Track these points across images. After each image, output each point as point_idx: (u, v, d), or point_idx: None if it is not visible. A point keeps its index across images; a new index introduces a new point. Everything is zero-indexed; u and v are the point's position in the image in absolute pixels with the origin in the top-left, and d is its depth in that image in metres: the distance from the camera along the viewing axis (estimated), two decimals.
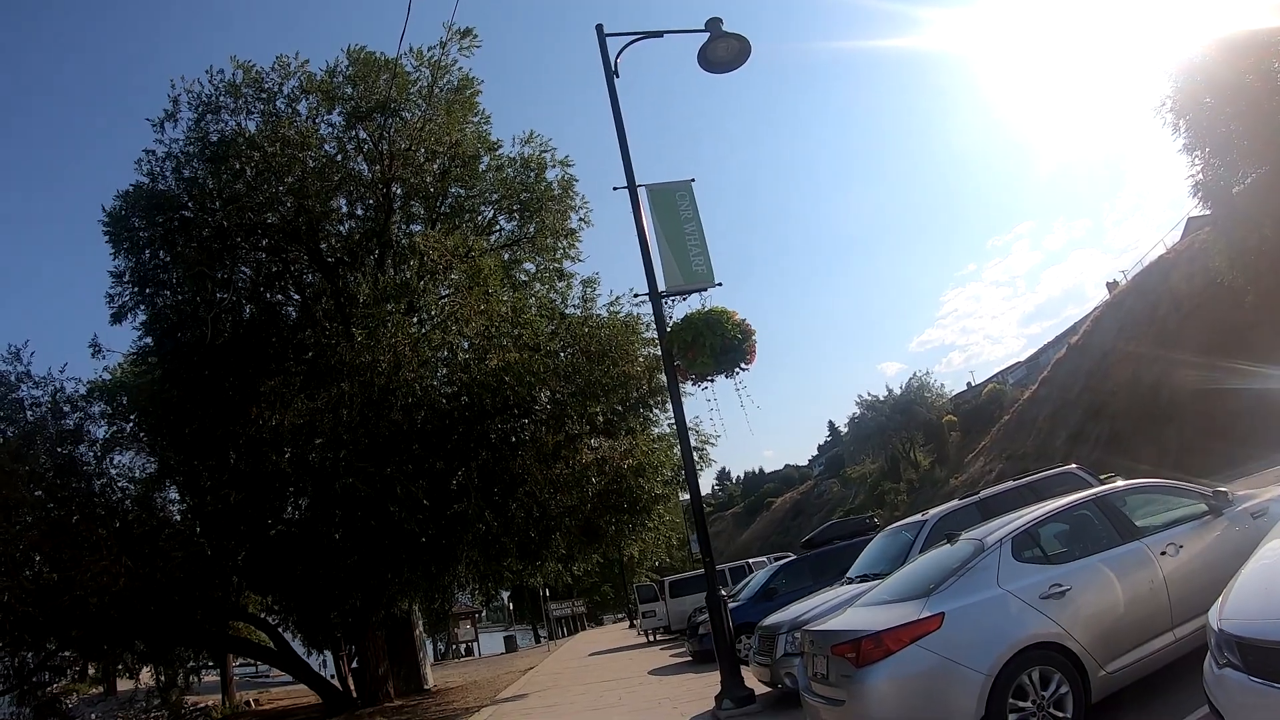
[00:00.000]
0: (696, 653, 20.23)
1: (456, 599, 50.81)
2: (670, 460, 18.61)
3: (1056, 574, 7.14)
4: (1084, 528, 7.94)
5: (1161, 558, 7.49)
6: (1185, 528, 7.88)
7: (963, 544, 7.82)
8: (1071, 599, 6.96)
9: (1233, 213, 29.56)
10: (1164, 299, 42.44)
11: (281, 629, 22.19)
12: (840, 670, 7.05)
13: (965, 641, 6.63)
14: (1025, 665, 6.61)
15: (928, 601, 6.96)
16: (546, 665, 29.65)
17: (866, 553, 13.06)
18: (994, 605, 6.86)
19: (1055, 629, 6.78)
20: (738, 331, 12.30)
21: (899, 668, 6.62)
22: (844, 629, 7.40)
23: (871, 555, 12.75)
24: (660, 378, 17.81)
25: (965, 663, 6.52)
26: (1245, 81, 25.93)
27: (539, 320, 18.54)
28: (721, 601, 11.76)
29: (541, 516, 17.13)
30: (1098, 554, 7.45)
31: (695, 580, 32.02)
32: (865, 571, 12.07)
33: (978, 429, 65.14)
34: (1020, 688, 6.58)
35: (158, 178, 19.91)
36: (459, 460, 16.82)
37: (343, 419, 15.50)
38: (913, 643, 6.64)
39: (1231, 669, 4.61)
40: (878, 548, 12.91)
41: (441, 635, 59.30)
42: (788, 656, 11.21)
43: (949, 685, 6.53)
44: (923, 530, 11.55)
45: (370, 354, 15.80)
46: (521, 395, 16.36)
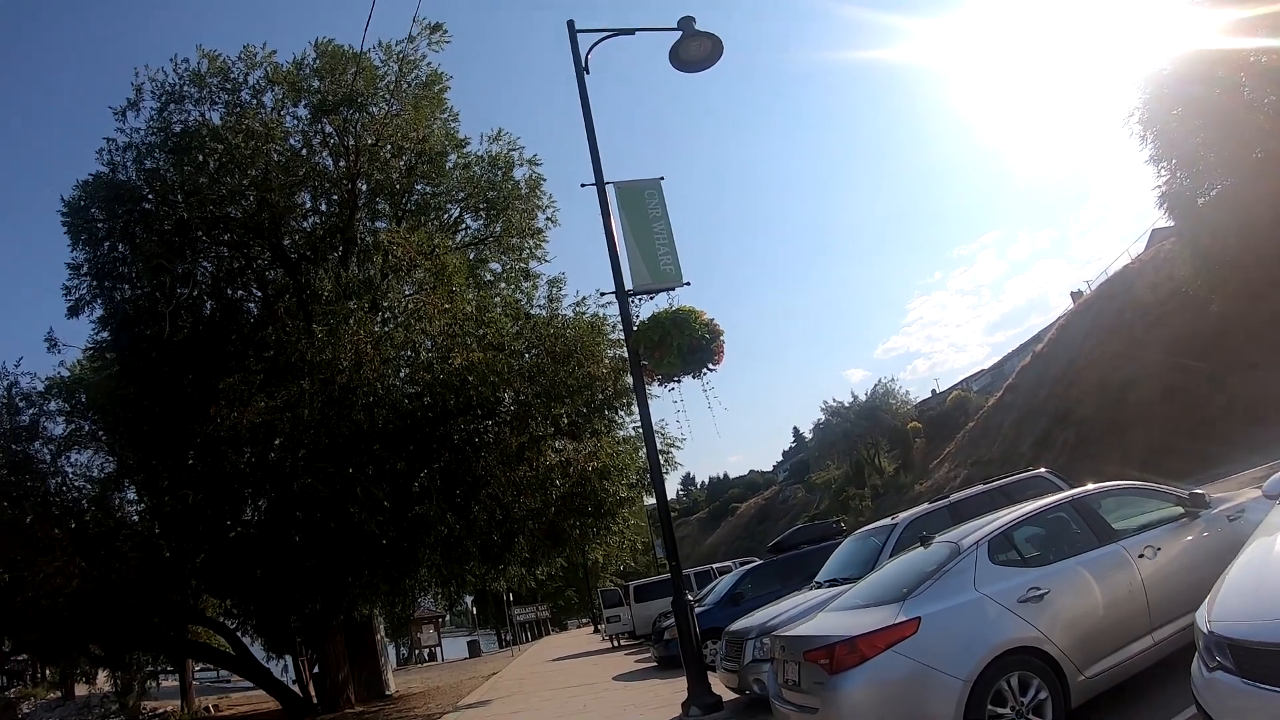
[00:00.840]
0: (662, 658, 19.94)
1: (419, 603, 50.43)
2: (635, 463, 18.30)
3: (1034, 577, 6.92)
4: (1061, 530, 7.75)
5: (1140, 560, 7.30)
6: (1162, 530, 7.70)
7: (938, 547, 7.60)
8: (1050, 602, 6.74)
9: (1199, 223, 29.96)
10: (1129, 307, 42.91)
11: (240, 633, 21.74)
12: (813, 677, 6.79)
13: (942, 647, 6.38)
14: (1004, 671, 6.39)
15: (903, 606, 6.72)
16: (510, 670, 29.21)
17: (835, 557, 12.84)
18: (971, 609, 6.63)
19: (1034, 633, 6.56)
20: (705, 331, 12.02)
21: (874, 674, 6.36)
22: (817, 634, 7.13)
23: (840, 560, 12.53)
24: (626, 379, 17.51)
25: (942, 669, 6.28)
26: (1213, 95, 26.48)
27: (504, 320, 18.18)
28: (688, 606, 11.49)
29: (504, 519, 16.76)
30: (1076, 556, 7.25)
31: (660, 585, 31.70)
32: (835, 576, 11.83)
33: (943, 435, 65.42)
34: (999, 694, 6.35)
35: (118, 168, 19.39)
36: (421, 461, 16.45)
37: (302, 418, 15.07)
38: (888, 648, 6.39)
39: (1223, 672, 4.44)
40: (846, 552, 12.69)
41: (404, 640, 58.57)
42: (756, 662, 10.95)
43: (926, 692, 6.29)
44: (893, 534, 11.34)
45: (331, 351, 15.40)
46: (485, 395, 16.00)
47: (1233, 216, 27.61)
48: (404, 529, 15.86)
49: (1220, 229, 28.37)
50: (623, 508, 18.44)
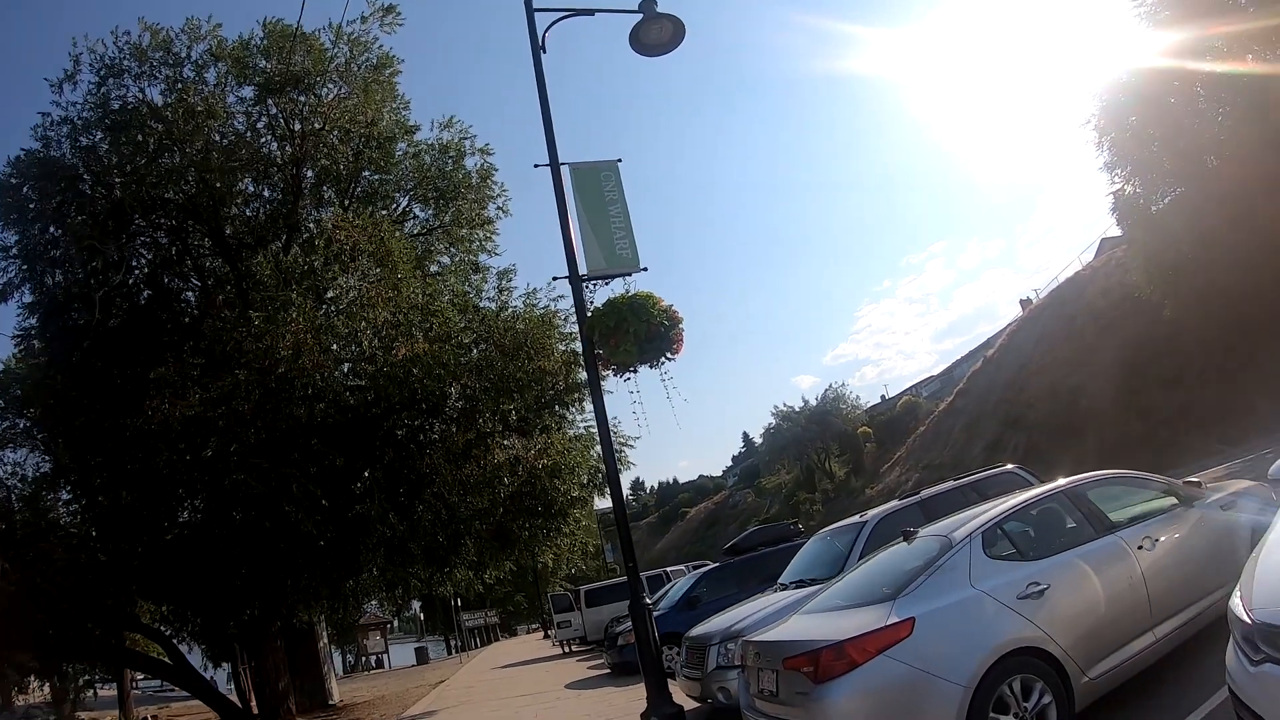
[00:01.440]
0: (616, 665, 19.16)
1: (365, 609, 49.12)
2: (587, 462, 17.47)
3: (1033, 571, 6.28)
4: (1056, 521, 7.17)
5: (1139, 552, 6.74)
6: (1158, 520, 7.18)
7: (925, 541, 6.93)
8: (1050, 598, 6.11)
9: (1152, 229, 30.04)
10: (1081, 313, 43.17)
11: (178, 640, 20.54)
12: (794, 686, 6.06)
13: (940, 649, 5.71)
14: (1006, 674, 5.73)
15: (894, 605, 6.01)
16: (458, 678, 28.09)
17: (800, 557, 12.22)
18: (969, 607, 5.96)
19: (1036, 631, 5.92)
20: (664, 318, 11.27)
21: (865, 682, 5.64)
22: (798, 639, 6.41)
23: (805, 560, 11.91)
24: (578, 374, 16.71)
25: (941, 674, 5.59)
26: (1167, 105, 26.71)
27: (451, 312, 17.30)
28: (646, 610, 10.69)
29: (450, 519, 15.81)
30: (1074, 549, 6.66)
31: (612, 589, 31.02)
32: (800, 577, 11.19)
33: (893, 440, 65.34)
34: (1000, 700, 5.68)
35: (52, 144, 18.11)
36: (362, 458, 15.46)
37: (237, 411, 14.08)
38: (880, 653, 5.68)
39: (1273, 664, 3.89)
40: (811, 552, 12.09)
41: (350, 647, 56.98)
42: (721, 670, 10.29)
43: (923, 701, 5.60)
44: (863, 532, 10.69)
45: (269, 340, 14.39)
46: (430, 389, 15.11)
47: (1185, 223, 27.69)
48: (344, 529, 14.86)
49: (1173, 236, 28.46)
50: (574, 508, 17.57)
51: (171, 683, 21.84)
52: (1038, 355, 45.87)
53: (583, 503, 17.85)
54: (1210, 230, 26.41)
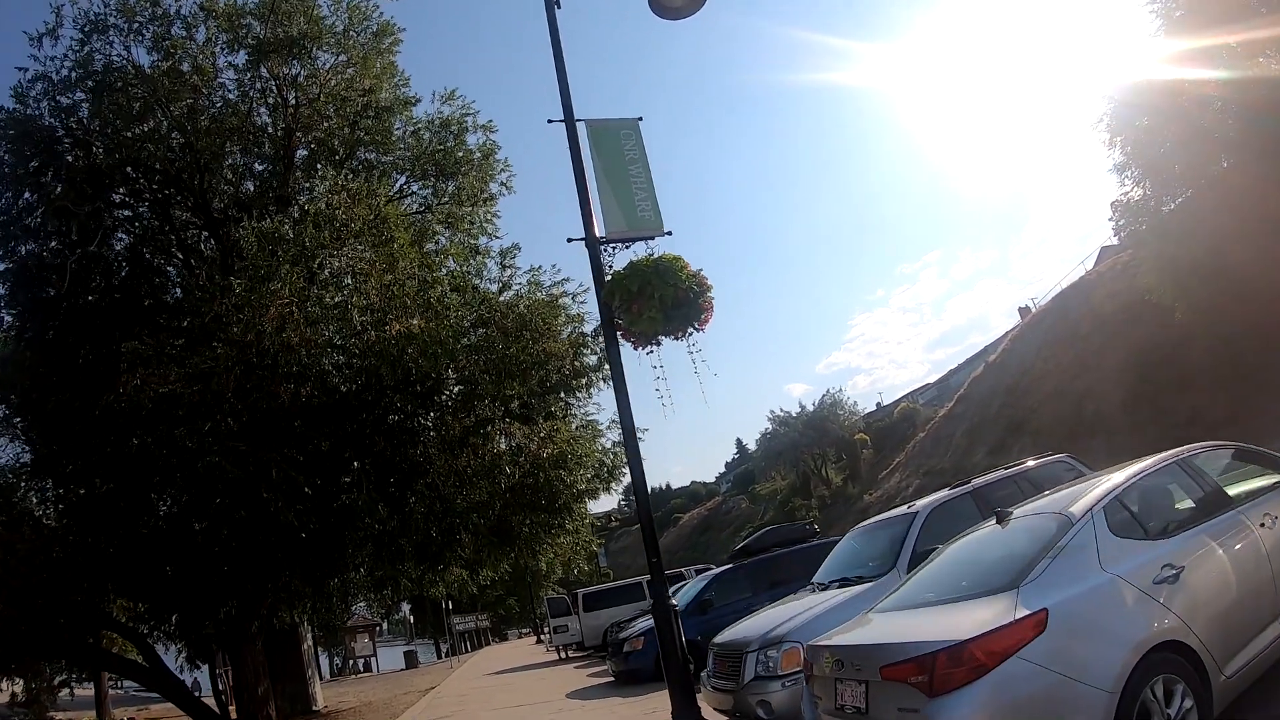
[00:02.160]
0: (621, 673, 17.87)
1: (354, 611, 47.66)
2: (594, 453, 16.20)
3: (1164, 552, 5.20)
4: (1174, 496, 6.09)
5: (1261, 530, 5.73)
6: (1273, 497, 6.13)
7: (1032, 521, 5.78)
8: (1185, 583, 5.06)
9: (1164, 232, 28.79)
10: (1086, 318, 42.35)
11: (152, 640, 19.17)
12: (896, 701, 4.83)
13: (1079, 648, 4.56)
14: (1149, 674, 4.63)
15: (1019, 595, 4.81)
16: (450, 684, 26.60)
17: (837, 554, 11.18)
18: (1105, 595, 4.81)
19: (1176, 623, 4.85)
20: (693, 283, 10.10)
21: (996, 693, 4.44)
22: (898, 641, 5.14)
23: (844, 557, 10.90)
24: (587, 357, 15.54)
25: (1082, 678, 4.44)
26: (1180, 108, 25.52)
27: (448, 290, 16.03)
28: (672, 613, 9.48)
29: (445, 513, 14.49)
30: (1200, 526, 5.60)
31: (611, 593, 29.83)
32: (841, 575, 10.10)
33: (891, 447, 64.35)
34: (1144, 707, 4.54)
35: (29, 102, 16.84)
36: (350, 444, 14.16)
37: (214, 389, 12.82)
38: (1011, 654, 4.46)
39: None
40: (849, 549, 11.10)
41: (338, 649, 55.32)
42: (761, 680, 9.02)
43: (1064, 713, 4.39)
44: (915, 523, 9.64)
45: (251, 311, 13.16)
46: (425, 370, 13.85)
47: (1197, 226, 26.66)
48: (329, 521, 13.55)
49: (1185, 238, 27.29)
50: (580, 502, 16.27)
51: (145, 686, 20.46)
52: (1041, 360, 45.07)
53: (590, 496, 16.55)
54: (1223, 233, 25.47)
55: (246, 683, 17.81)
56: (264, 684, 18.10)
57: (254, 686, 17.72)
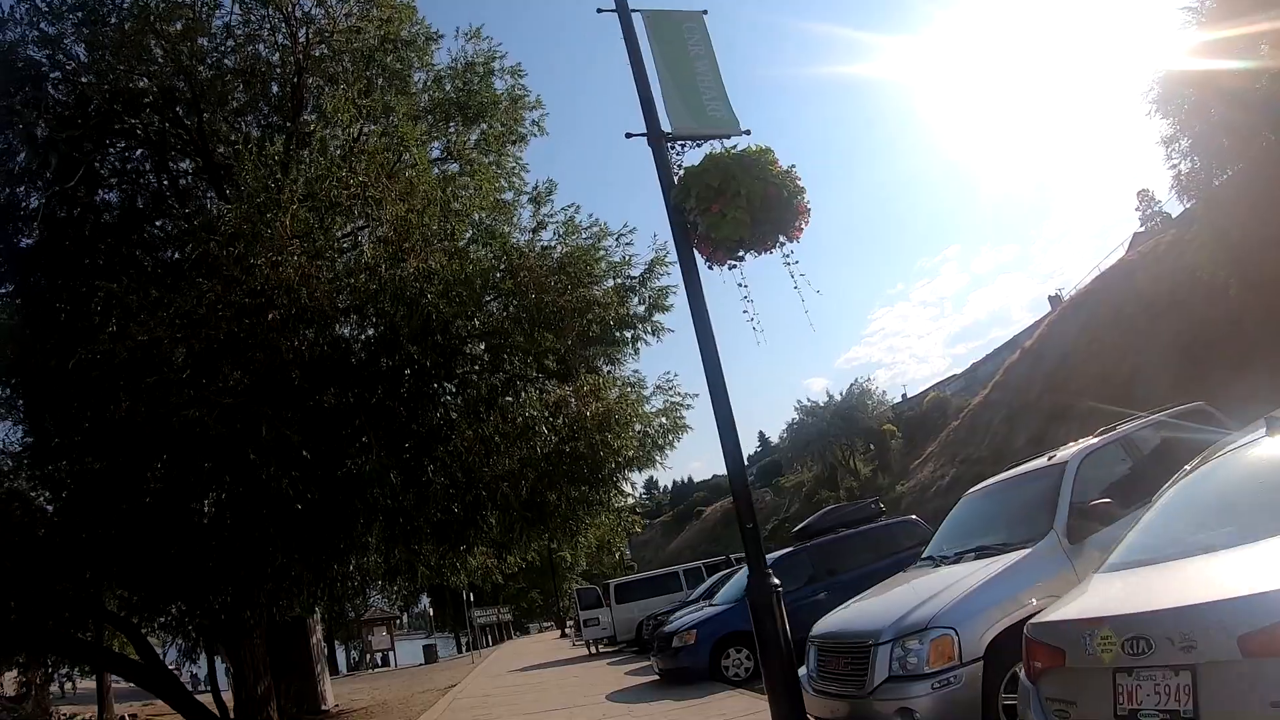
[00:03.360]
0: (669, 671, 15.33)
1: (369, 604, 45.19)
2: (644, 416, 13.67)
3: None
4: None
5: None
6: None
7: None
8: None
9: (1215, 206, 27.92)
10: (1130, 300, 40.37)
11: (146, 632, 16.75)
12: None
13: None
14: None
15: None
16: (472, 682, 23.87)
17: (954, 524, 9.16)
18: None
19: None
20: (785, 181, 7.88)
21: None
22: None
23: (966, 525, 8.91)
24: (634, 305, 13.09)
25: None
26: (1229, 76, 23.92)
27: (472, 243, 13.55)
28: (775, 596, 7.03)
29: (468, 484, 11.98)
30: None
31: (644, 584, 27.51)
32: (976, 544, 7.98)
33: (922, 437, 62.08)
34: None
35: (10, 30, 14.33)
36: (358, 405, 11.68)
37: (200, 335, 10.38)
38: None
39: None
40: (970, 515, 9.08)
41: (355, 643, 52.75)
42: (899, 681, 6.65)
43: None
44: (1067, 475, 7.65)
45: (243, 243, 10.73)
46: (447, 316, 11.40)
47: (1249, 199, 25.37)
48: (331, 493, 11.02)
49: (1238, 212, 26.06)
50: (627, 471, 13.66)
51: (137, 683, 18.03)
52: (1082, 345, 43.11)
53: (639, 466, 13.86)
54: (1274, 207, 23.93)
55: (245, 680, 15.38)
56: (265, 682, 15.64)
57: (253, 684, 15.28)
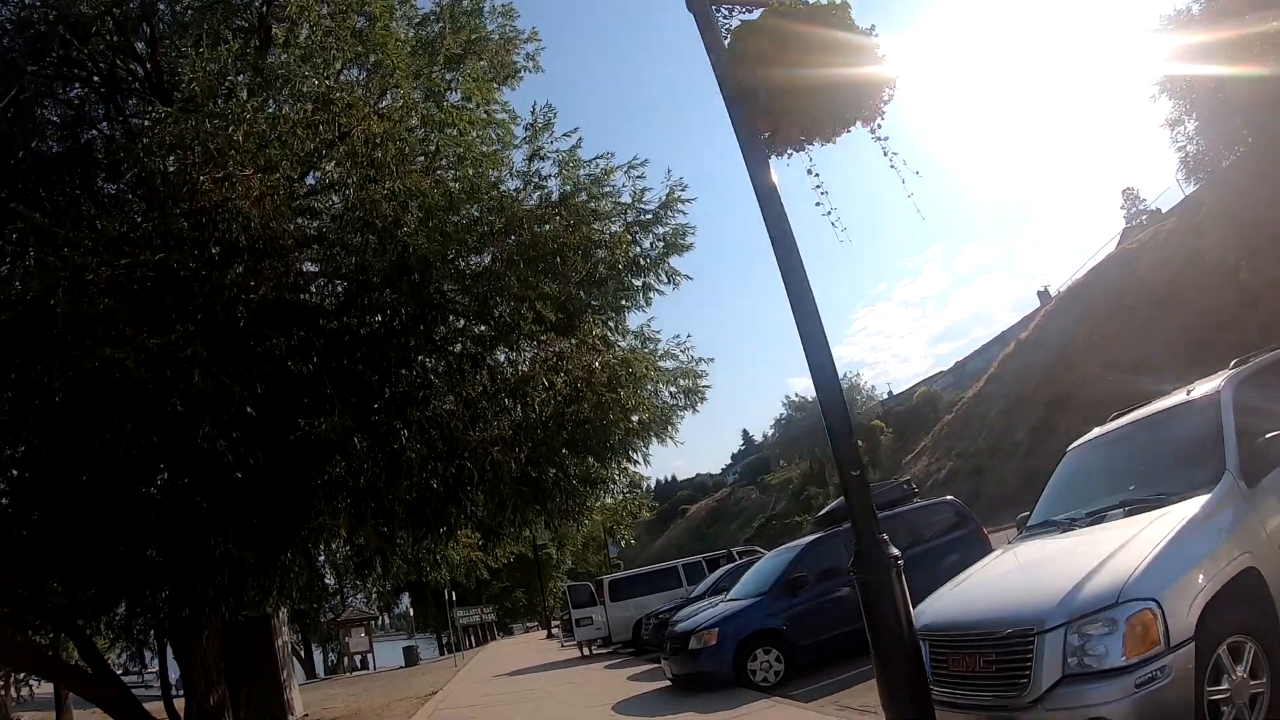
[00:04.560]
0: (684, 676, 13.11)
1: (346, 601, 42.53)
2: (663, 376, 11.52)
3: None
4: None
5: None
6: None
7: None
8: None
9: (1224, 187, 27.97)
10: (1131, 288, 39.76)
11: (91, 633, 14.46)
12: None
13: None
14: None
15: None
16: (456, 689, 21.40)
17: (1070, 483, 7.38)
18: None
19: None
20: (866, 45, 5.92)
21: None
22: None
23: (1095, 478, 7.16)
24: (647, 244, 10.99)
25: None
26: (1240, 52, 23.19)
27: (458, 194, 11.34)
28: (896, 571, 5.08)
29: (450, 453, 9.80)
30: None
31: (641, 580, 25.34)
32: (1118, 500, 6.12)
33: (911, 432, 60.87)
34: None
35: None
36: (318, 357, 9.54)
37: (128, 267, 8.25)
38: None
39: None
40: (1096, 466, 7.35)
41: (332, 645, 49.97)
42: (1080, 680, 4.76)
43: None
44: (1223, 405, 6.04)
45: (184, 154, 8.61)
46: (428, 253, 9.30)
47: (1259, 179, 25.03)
48: (282, 460, 8.83)
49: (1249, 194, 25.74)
50: (642, 439, 11.44)
51: (68, 688, 15.73)
52: (1082, 334, 42.19)
53: (656, 432, 11.59)
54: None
55: (195, 688, 13.15)
56: (218, 690, 13.37)
57: (204, 693, 13.03)
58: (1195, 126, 29.68)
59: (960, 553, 12.61)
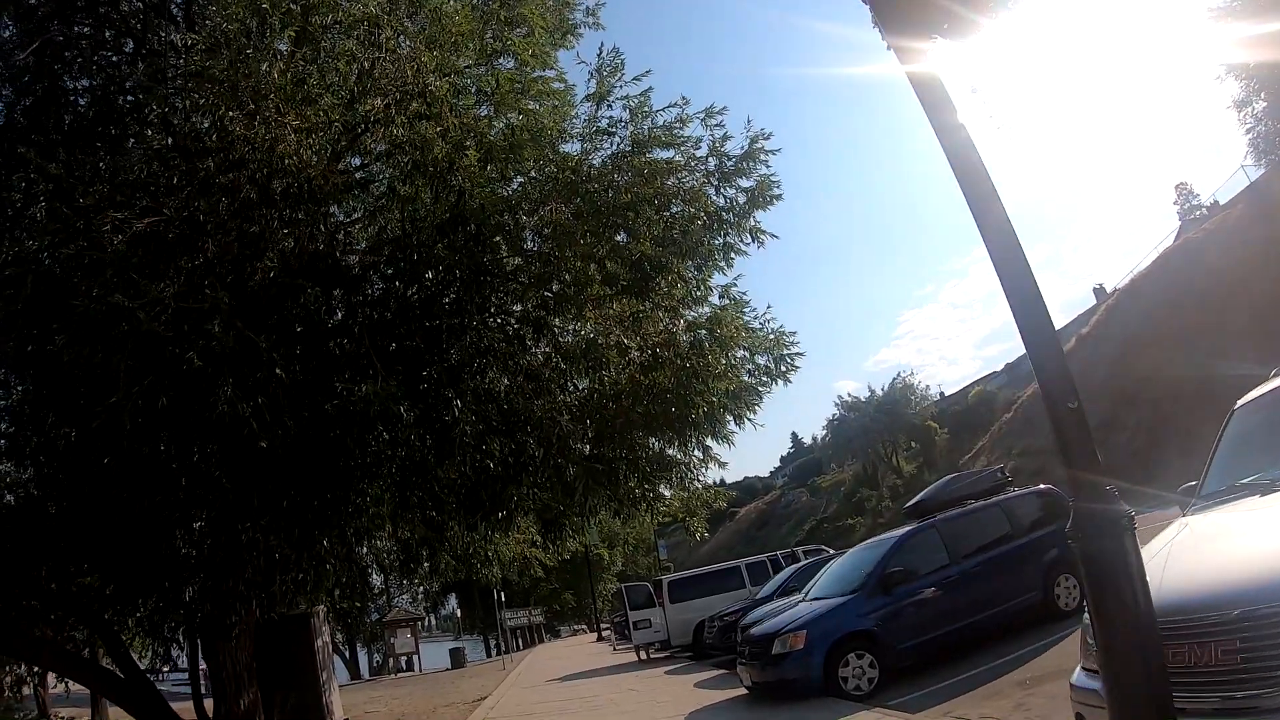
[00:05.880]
0: (765, 685, 11.63)
1: (393, 599, 41.42)
2: (755, 341, 10.13)
3: None
4: None
5: None
6: None
7: None
8: None
9: None
10: (1201, 276, 37.94)
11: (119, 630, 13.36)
12: None
13: None
14: None
15: None
16: (505, 694, 19.96)
17: (1245, 437, 6.07)
18: None
19: None
20: None
21: None
22: None
23: None
24: (727, 196, 9.61)
25: None
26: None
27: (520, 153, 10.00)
28: (1130, 534, 3.82)
29: (507, 429, 8.54)
30: None
31: (702, 580, 23.76)
32: None
33: (968, 432, 58.88)
34: None
35: None
36: (355, 311, 8.29)
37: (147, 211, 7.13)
38: None
39: None
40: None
41: (378, 645, 48.80)
42: None
43: None
44: None
45: (208, 86, 7.46)
46: (485, 200, 8.08)
47: None
48: (318, 430, 7.62)
49: None
50: (731, 413, 9.98)
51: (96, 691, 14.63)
52: (1149, 328, 40.53)
53: (750, 402, 10.12)
54: None
55: (225, 692, 11.98)
56: (250, 693, 12.14)
57: (234, 696, 11.80)
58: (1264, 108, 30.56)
59: (1059, 546, 11.74)
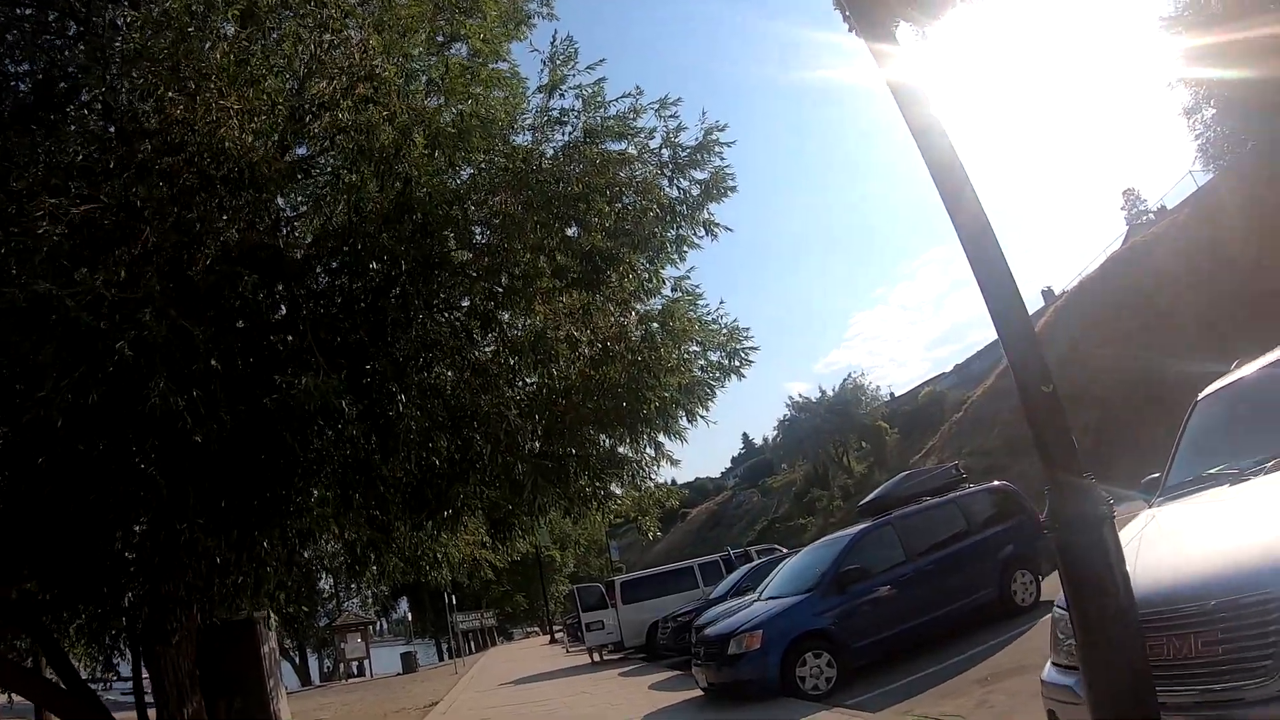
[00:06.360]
0: (721, 685, 11.56)
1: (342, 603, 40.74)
2: (707, 335, 9.96)
3: None
4: None
5: None
6: None
7: None
8: None
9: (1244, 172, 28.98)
10: (1148, 279, 38.90)
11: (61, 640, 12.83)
12: None
13: None
14: None
15: None
16: (458, 698, 19.54)
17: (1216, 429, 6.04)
18: None
19: None
20: None
21: None
22: None
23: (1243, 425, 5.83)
24: (680, 189, 9.45)
25: None
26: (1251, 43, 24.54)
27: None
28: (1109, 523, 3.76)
29: (454, 424, 8.31)
30: None
31: (654, 581, 23.62)
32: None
33: (919, 431, 59.37)
34: None
35: None
36: (296, 304, 7.99)
37: (70, 195, 6.79)
38: None
39: None
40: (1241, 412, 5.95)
41: (328, 651, 47.96)
42: None
43: None
44: None
45: (147, 65, 7.13)
46: (433, 189, 7.83)
47: None
48: (257, 424, 7.28)
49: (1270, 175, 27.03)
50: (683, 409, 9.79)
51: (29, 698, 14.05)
52: (1097, 328, 41.40)
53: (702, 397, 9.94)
54: None
55: (167, 700, 11.56)
56: (194, 701, 11.71)
57: (176, 704, 11.40)
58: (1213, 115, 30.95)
59: (1015, 543, 12.05)
